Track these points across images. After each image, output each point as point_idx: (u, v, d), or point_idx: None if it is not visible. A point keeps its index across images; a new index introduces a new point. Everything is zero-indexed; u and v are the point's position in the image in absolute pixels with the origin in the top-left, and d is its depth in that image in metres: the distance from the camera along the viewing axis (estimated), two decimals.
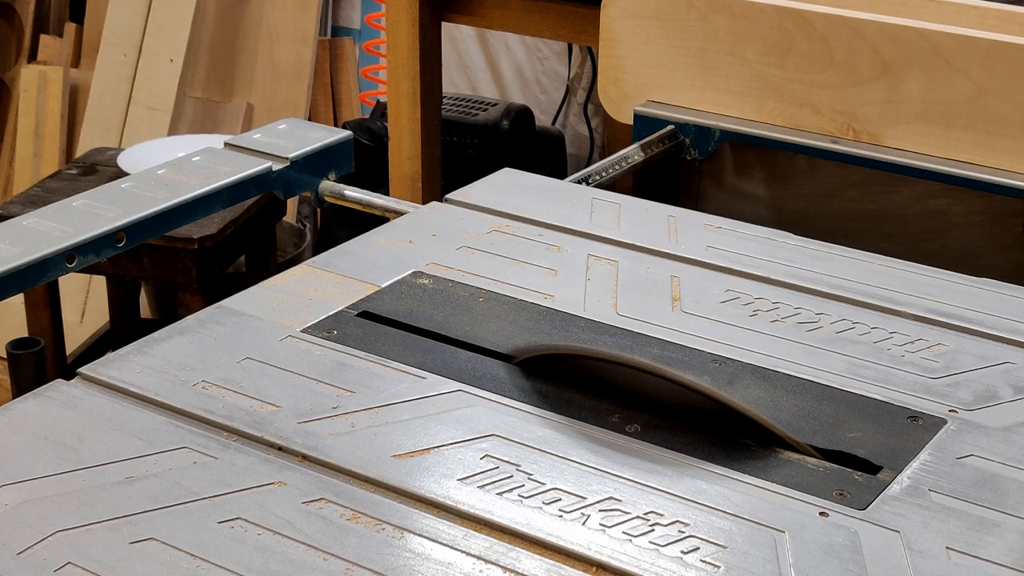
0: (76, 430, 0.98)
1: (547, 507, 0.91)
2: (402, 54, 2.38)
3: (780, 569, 0.86)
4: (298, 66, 3.73)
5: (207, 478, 0.93)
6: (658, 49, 1.78)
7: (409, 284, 1.24)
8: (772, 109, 1.74)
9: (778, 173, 1.80)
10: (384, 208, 1.49)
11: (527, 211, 1.40)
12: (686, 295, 1.24)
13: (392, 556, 0.86)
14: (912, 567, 0.86)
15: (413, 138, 2.43)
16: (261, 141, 1.51)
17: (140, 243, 1.34)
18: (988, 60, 1.57)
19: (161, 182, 1.40)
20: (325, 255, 1.29)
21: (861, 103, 1.67)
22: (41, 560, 0.84)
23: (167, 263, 2.44)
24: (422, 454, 0.97)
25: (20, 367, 1.75)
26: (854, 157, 1.68)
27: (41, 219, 1.29)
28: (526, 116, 3.41)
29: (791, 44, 1.69)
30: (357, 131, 3.23)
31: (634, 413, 1.03)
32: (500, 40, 3.76)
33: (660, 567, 0.86)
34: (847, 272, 1.29)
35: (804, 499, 0.93)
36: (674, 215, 1.42)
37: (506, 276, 1.26)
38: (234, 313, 1.16)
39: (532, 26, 2.41)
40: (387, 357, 1.10)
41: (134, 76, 3.61)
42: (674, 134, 1.77)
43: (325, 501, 0.91)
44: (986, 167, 1.61)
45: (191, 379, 1.05)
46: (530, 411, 1.03)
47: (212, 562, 0.84)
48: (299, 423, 1.00)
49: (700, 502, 0.92)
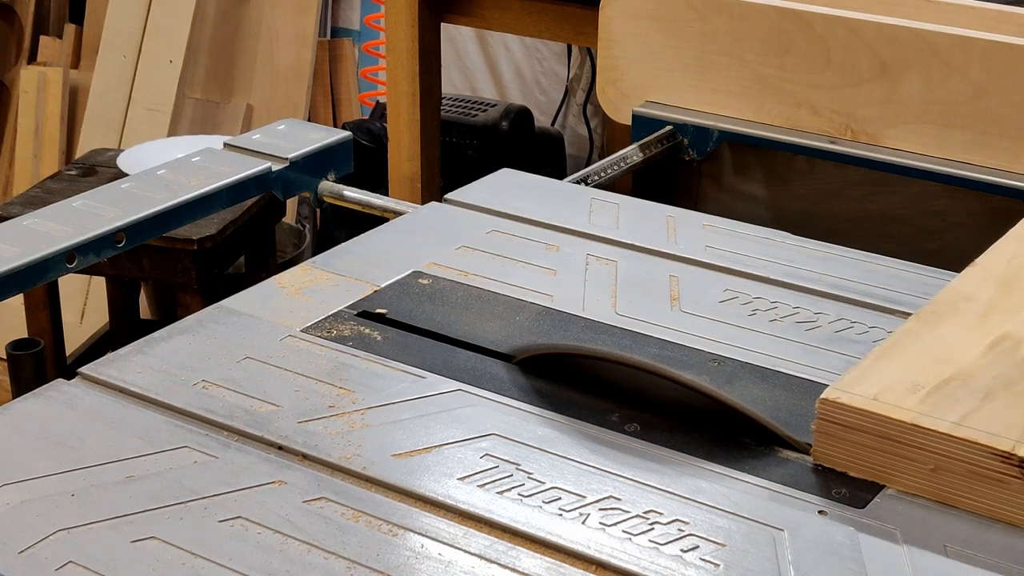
0: (77, 430, 0.98)
1: (547, 506, 0.91)
2: (401, 55, 2.39)
3: (779, 567, 0.86)
4: (297, 67, 3.73)
5: (207, 477, 0.93)
6: (657, 50, 1.79)
7: (408, 284, 1.24)
8: (770, 109, 1.74)
9: (776, 173, 1.80)
10: (383, 208, 1.49)
11: (526, 211, 1.41)
12: (685, 295, 1.24)
13: (392, 555, 0.86)
14: (911, 565, 0.87)
15: (412, 139, 2.43)
16: (260, 142, 1.51)
17: (140, 243, 1.34)
18: (986, 60, 1.57)
19: (161, 183, 1.40)
20: (325, 255, 1.30)
21: (859, 103, 1.67)
22: (42, 559, 0.84)
23: (167, 264, 2.44)
24: (422, 453, 0.97)
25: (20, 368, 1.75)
26: (852, 157, 1.68)
27: (41, 219, 1.29)
28: (525, 117, 3.41)
29: (789, 45, 1.69)
30: (356, 132, 3.23)
31: (633, 412, 1.03)
32: (499, 41, 3.76)
33: (660, 566, 0.86)
34: (845, 272, 1.29)
35: (803, 498, 0.93)
36: (673, 215, 1.42)
37: (505, 276, 1.26)
38: (234, 313, 1.17)
39: (531, 27, 2.41)
40: (387, 357, 1.10)
41: (134, 77, 3.61)
42: (673, 134, 1.78)
43: (325, 500, 0.91)
44: (984, 167, 1.61)
45: (191, 379, 1.06)
46: (530, 410, 1.03)
47: (213, 561, 0.85)
48: (299, 422, 1.00)
49: (699, 501, 0.93)
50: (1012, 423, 0.93)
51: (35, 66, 3.81)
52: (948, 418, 0.94)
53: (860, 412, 0.95)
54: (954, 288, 1.14)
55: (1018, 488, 0.91)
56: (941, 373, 1.00)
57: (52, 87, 3.72)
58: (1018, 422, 0.93)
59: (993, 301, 1.12)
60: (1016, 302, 1.12)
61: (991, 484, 0.91)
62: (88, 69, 3.73)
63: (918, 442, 0.93)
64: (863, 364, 1.01)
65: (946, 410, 0.95)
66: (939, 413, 0.94)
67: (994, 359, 1.02)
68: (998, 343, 1.05)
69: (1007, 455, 0.90)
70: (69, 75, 3.76)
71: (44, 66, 3.80)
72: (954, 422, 0.93)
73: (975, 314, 1.09)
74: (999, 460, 0.91)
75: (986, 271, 1.18)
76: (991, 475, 0.91)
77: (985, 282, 1.15)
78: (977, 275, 1.17)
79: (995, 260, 1.20)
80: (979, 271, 1.18)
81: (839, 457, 0.97)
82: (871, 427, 0.95)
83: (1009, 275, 1.16)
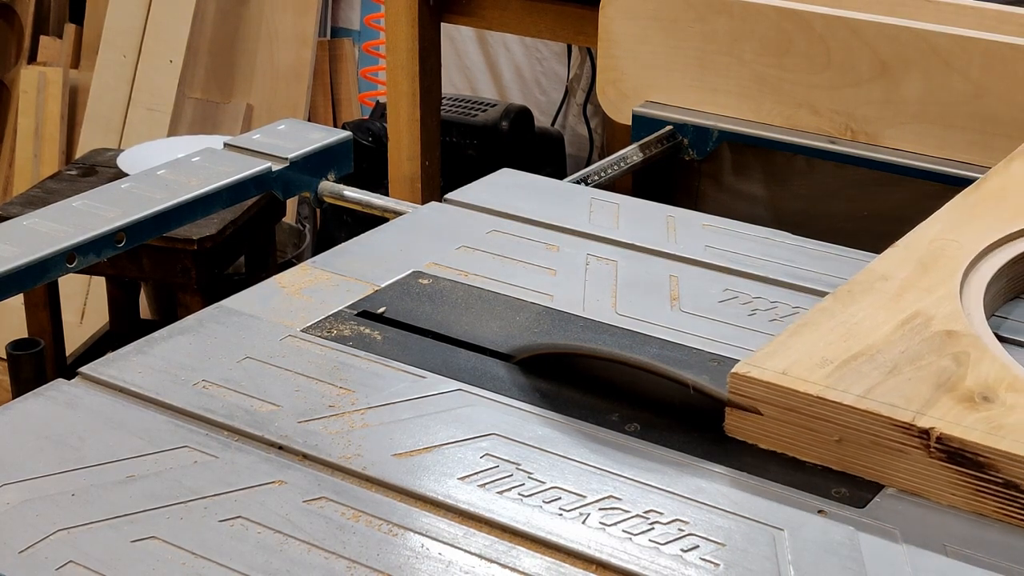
0: (77, 429, 0.98)
1: (547, 506, 0.91)
2: (401, 55, 2.39)
3: (779, 567, 0.86)
4: (297, 67, 3.73)
5: (208, 477, 0.93)
6: (656, 50, 1.79)
7: (408, 284, 1.24)
8: (770, 109, 1.74)
9: (776, 173, 1.80)
10: (383, 208, 1.49)
11: (526, 211, 1.41)
12: (685, 294, 1.24)
13: (393, 555, 0.86)
14: (911, 565, 0.87)
15: (412, 139, 2.44)
16: (260, 142, 1.51)
17: (140, 243, 1.34)
18: (986, 60, 1.57)
19: (161, 183, 1.40)
20: (325, 255, 1.30)
21: (859, 103, 1.67)
22: (43, 559, 0.84)
23: (167, 264, 2.45)
24: (422, 453, 0.97)
25: (20, 368, 1.75)
26: (852, 157, 1.68)
27: (41, 219, 1.29)
28: (525, 117, 3.41)
29: (789, 45, 1.70)
30: (356, 132, 3.24)
31: (633, 412, 1.03)
32: (499, 41, 3.76)
33: (660, 565, 0.86)
34: (845, 272, 1.29)
35: (803, 497, 0.93)
36: (673, 215, 1.43)
37: (505, 276, 1.26)
38: (234, 313, 1.17)
39: (531, 27, 2.41)
40: (387, 356, 1.10)
41: (134, 77, 3.61)
42: (673, 134, 1.78)
43: (326, 500, 0.91)
44: (984, 167, 1.61)
45: (191, 379, 1.06)
46: (530, 410, 1.03)
47: (213, 560, 0.85)
48: (299, 422, 1.00)
49: (699, 500, 0.93)
50: (914, 396, 0.96)
51: (35, 66, 3.81)
52: (853, 391, 0.96)
53: (769, 386, 0.98)
54: (872, 268, 1.17)
55: (918, 458, 0.93)
56: (850, 349, 1.02)
57: (52, 87, 3.72)
58: (920, 395, 0.96)
59: (909, 280, 1.14)
60: (932, 281, 1.14)
61: (893, 454, 0.94)
62: (88, 69, 3.73)
63: (823, 414, 0.96)
64: (776, 340, 1.04)
65: (851, 383, 0.97)
66: (844, 386, 0.97)
67: (903, 335, 1.05)
68: (909, 320, 1.07)
69: (907, 426, 0.93)
70: (69, 75, 3.76)
71: (44, 66, 3.80)
72: (858, 395, 0.96)
73: (890, 293, 1.12)
74: (900, 431, 0.93)
75: (907, 252, 1.20)
76: (892, 445, 0.94)
77: (904, 262, 1.18)
78: (897, 255, 1.19)
79: (918, 241, 1.23)
80: (900, 252, 1.20)
81: (750, 430, 1.00)
82: (779, 400, 0.98)
83: (928, 256, 1.19)
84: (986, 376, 0.99)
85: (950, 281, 1.14)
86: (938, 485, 0.93)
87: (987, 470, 0.91)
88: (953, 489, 0.93)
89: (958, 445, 0.92)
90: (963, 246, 1.20)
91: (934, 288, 1.12)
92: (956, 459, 0.92)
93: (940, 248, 1.20)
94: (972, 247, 1.20)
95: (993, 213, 1.29)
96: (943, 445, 0.92)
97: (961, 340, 1.04)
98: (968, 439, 0.91)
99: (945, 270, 1.16)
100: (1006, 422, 0.93)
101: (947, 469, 0.92)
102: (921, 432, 0.93)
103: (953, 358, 1.01)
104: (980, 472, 0.91)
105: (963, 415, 0.94)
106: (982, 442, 0.91)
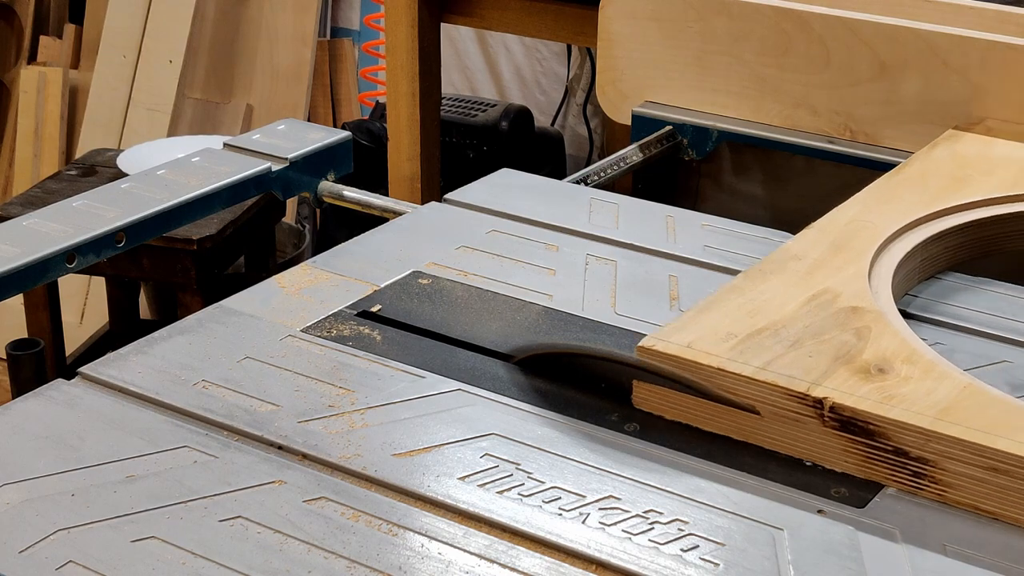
0: (77, 429, 0.98)
1: (547, 505, 0.92)
2: (401, 55, 2.39)
3: (779, 566, 0.86)
4: (297, 67, 3.74)
5: (208, 477, 0.93)
6: (656, 50, 1.79)
7: (408, 284, 1.24)
8: (770, 109, 1.74)
9: (776, 173, 1.80)
10: (383, 208, 1.49)
11: (526, 211, 1.41)
12: (684, 294, 1.24)
13: (392, 554, 0.86)
14: (910, 565, 0.87)
15: (412, 139, 2.44)
16: (260, 142, 1.51)
17: (140, 243, 1.34)
18: (986, 60, 1.57)
19: (160, 183, 1.40)
20: (325, 255, 1.30)
21: (858, 103, 1.67)
22: (43, 559, 0.84)
23: (166, 264, 2.45)
24: (422, 453, 0.97)
25: (20, 368, 1.75)
26: (851, 157, 1.68)
27: (41, 219, 1.29)
28: (525, 117, 3.41)
29: (789, 45, 1.70)
30: (356, 132, 3.24)
31: (633, 412, 1.03)
32: (499, 41, 3.77)
33: (660, 565, 0.86)
34: None
35: (802, 497, 0.94)
36: (672, 215, 1.43)
37: (505, 276, 1.26)
38: (234, 313, 1.17)
39: (531, 27, 2.41)
40: (387, 356, 1.10)
41: (133, 77, 3.62)
42: (672, 134, 1.78)
43: (325, 500, 0.91)
44: None
45: (191, 379, 1.06)
46: (529, 410, 1.03)
47: (213, 560, 0.85)
48: (299, 422, 1.00)
49: (699, 500, 0.93)
50: (812, 368, 0.98)
51: (35, 66, 3.81)
52: (753, 363, 0.98)
53: (672, 358, 1.00)
54: (786, 248, 1.19)
55: (814, 427, 0.96)
56: (755, 324, 1.04)
57: (52, 87, 3.72)
58: (818, 367, 0.98)
59: (821, 260, 1.16)
60: (842, 260, 1.16)
61: (791, 425, 0.97)
62: (88, 69, 3.73)
63: (725, 386, 0.98)
64: (684, 316, 1.06)
65: (753, 356, 0.99)
66: (745, 359, 0.99)
67: (809, 311, 1.07)
68: (816, 297, 1.09)
69: (802, 396, 0.95)
70: (69, 75, 3.76)
71: (44, 66, 3.80)
72: (757, 367, 0.98)
73: (800, 272, 1.14)
74: (796, 401, 0.96)
75: (822, 233, 1.22)
76: (790, 415, 0.96)
77: (818, 243, 1.20)
78: (812, 236, 1.22)
79: (833, 223, 1.25)
80: (815, 233, 1.23)
81: (655, 402, 1.02)
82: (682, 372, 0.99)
83: (842, 237, 1.21)
84: (884, 349, 1.01)
85: (860, 260, 1.16)
86: (832, 453, 0.96)
87: (877, 438, 0.94)
88: (847, 456, 0.95)
89: (850, 414, 0.94)
90: (878, 227, 1.23)
91: (844, 267, 1.15)
92: (848, 427, 0.95)
93: (855, 230, 1.23)
94: (887, 228, 1.23)
95: (912, 196, 1.31)
96: (836, 414, 0.95)
97: (864, 316, 1.06)
98: (860, 408, 0.94)
99: (856, 250, 1.18)
100: (899, 392, 0.96)
101: (840, 437, 0.95)
102: (815, 402, 0.95)
103: (855, 332, 1.03)
104: (871, 440, 0.94)
105: (857, 386, 0.96)
106: (873, 411, 0.94)
